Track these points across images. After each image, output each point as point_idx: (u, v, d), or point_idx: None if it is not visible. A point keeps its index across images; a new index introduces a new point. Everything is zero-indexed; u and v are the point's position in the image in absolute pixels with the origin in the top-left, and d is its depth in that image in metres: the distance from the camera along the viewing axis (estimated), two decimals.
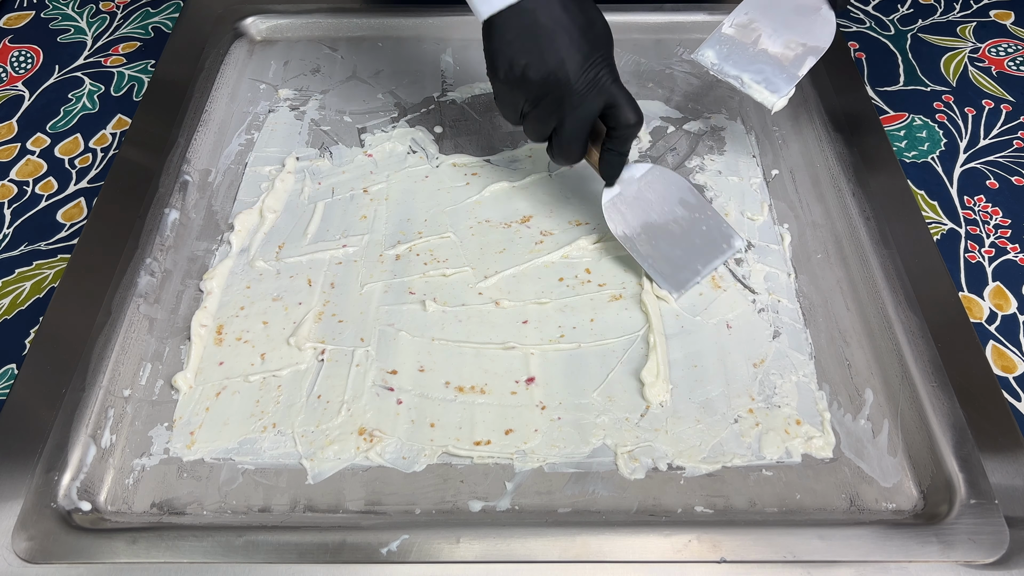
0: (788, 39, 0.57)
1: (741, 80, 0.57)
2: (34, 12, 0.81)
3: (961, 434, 0.46)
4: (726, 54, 0.58)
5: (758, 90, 0.57)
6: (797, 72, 0.57)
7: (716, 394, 0.50)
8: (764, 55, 0.57)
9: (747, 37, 0.58)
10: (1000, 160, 0.67)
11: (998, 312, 0.57)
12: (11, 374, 0.53)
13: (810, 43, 0.57)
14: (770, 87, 0.57)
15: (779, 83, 0.57)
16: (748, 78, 0.57)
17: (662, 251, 0.55)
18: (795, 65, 0.57)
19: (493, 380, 0.50)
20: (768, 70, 0.57)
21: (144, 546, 0.42)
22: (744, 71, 0.57)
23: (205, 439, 0.48)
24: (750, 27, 0.58)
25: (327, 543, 0.42)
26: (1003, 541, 0.42)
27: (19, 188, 0.65)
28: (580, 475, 0.46)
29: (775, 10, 0.58)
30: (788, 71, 0.57)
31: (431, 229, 0.59)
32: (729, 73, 0.57)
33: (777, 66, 0.57)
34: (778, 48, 0.57)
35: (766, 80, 0.57)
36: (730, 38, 0.58)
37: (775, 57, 0.57)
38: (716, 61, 0.58)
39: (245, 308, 0.54)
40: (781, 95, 0.57)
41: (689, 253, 0.56)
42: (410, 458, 0.47)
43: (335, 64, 0.72)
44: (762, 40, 0.57)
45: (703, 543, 0.42)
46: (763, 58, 0.57)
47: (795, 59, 0.57)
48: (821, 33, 0.57)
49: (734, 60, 0.58)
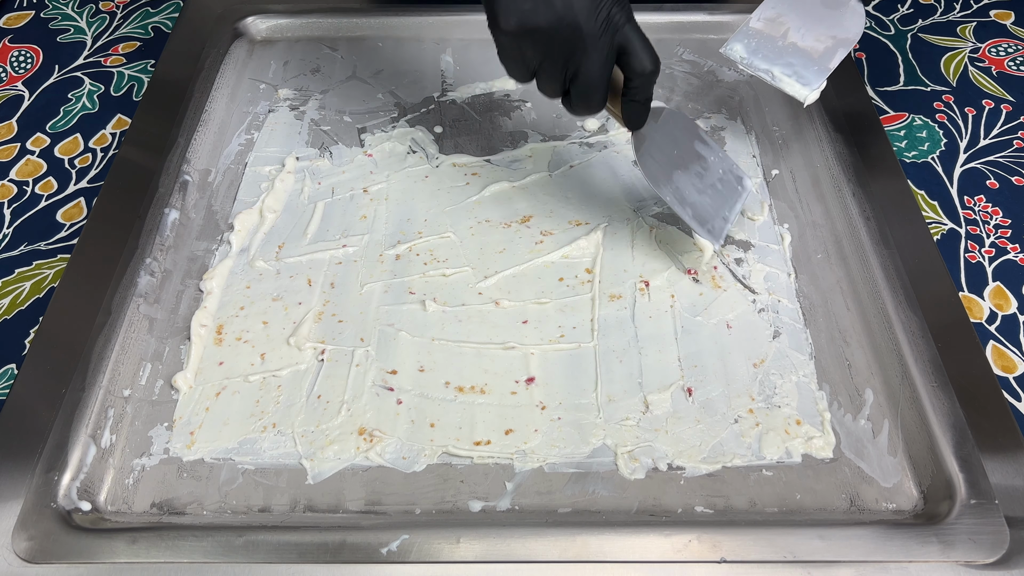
0: (818, 32, 0.57)
1: (772, 74, 0.57)
2: (34, 12, 0.81)
3: (961, 434, 0.46)
4: (755, 48, 0.58)
5: (789, 83, 0.57)
6: (828, 65, 0.57)
7: (716, 394, 0.50)
8: (794, 48, 0.57)
9: (776, 31, 0.57)
10: (1000, 160, 0.67)
11: (998, 312, 0.57)
12: (11, 374, 0.53)
13: (840, 35, 0.57)
14: (801, 80, 0.57)
15: (810, 76, 0.57)
16: (779, 71, 0.57)
17: (693, 199, 0.54)
18: (826, 58, 0.57)
19: (493, 380, 0.50)
20: (799, 63, 0.57)
21: (144, 546, 0.42)
22: (774, 65, 0.57)
23: (205, 439, 0.48)
24: (778, 21, 0.58)
25: (327, 543, 0.42)
26: (1003, 541, 0.42)
27: (19, 188, 0.65)
28: (580, 475, 0.46)
29: (803, 3, 0.58)
30: (819, 64, 0.57)
31: (431, 229, 0.59)
32: (759, 67, 0.57)
33: (807, 59, 0.57)
34: (808, 41, 0.57)
35: (797, 73, 0.57)
36: (759, 32, 0.58)
37: (805, 50, 0.57)
38: (745, 55, 0.58)
39: (245, 308, 0.54)
40: (813, 88, 0.57)
41: (715, 200, 0.55)
42: (410, 458, 0.47)
43: (335, 64, 0.72)
44: (791, 33, 0.57)
45: (703, 543, 0.42)
46: (793, 51, 0.57)
47: (825, 52, 0.57)
48: (851, 25, 0.57)
49: (763, 54, 0.57)
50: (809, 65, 0.57)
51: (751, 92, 0.69)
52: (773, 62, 0.57)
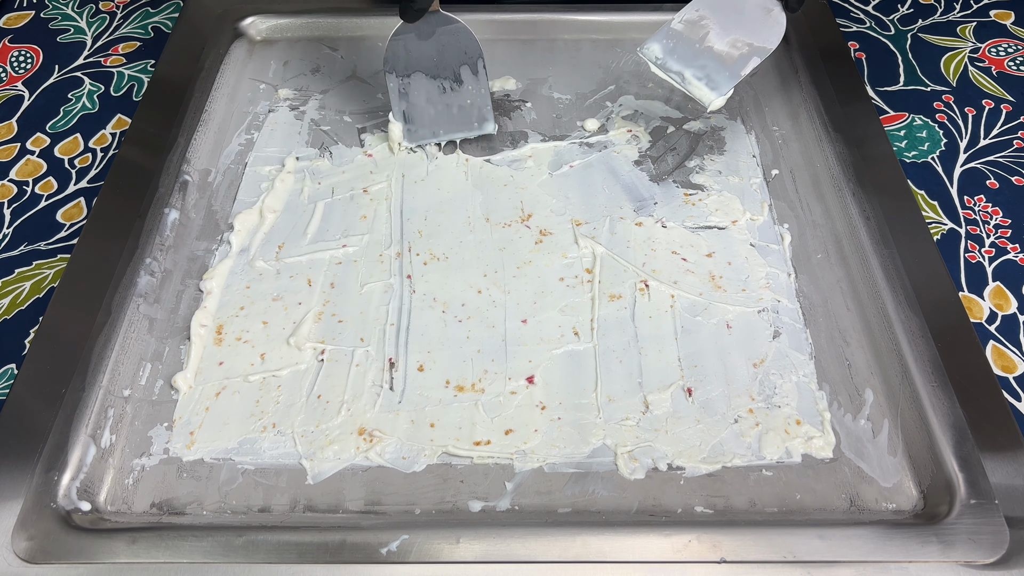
0: (735, 38, 0.57)
1: (682, 76, 0.57)
2: (34, 12, 0.81)
3: (961, 434, 0.46)
4: (671, 49, 0.57)
5: (698, 87, 0.57)
6: (740, 71, 0.56)
7: (716, 394, 0.50)
8: (709, 52, 0.57)
9: (695, 34, 0.57)
10: (1000, 160, 0.67)
11: (998, 312, 0.57)
12: (11, 374, 0.53)
13: (756, 43, 0.56)
14: (710, 85, 0.57)
15: (720, 81, 0.57)
16: (690, 74, 0.57)
17: (420, 103, 0.57)
18: (738, 64, 0.56)
19: (493, 380, 0.50)
20: (711, 68, 0.57)
21: (144, 546, 0.42)
22: (687, 68, 0.57)
23: (205, 439, 0.48)
24: (700, 24, 0.57)
25: (327, 543, 0.42)
26: (1003, 541, 0.42)
27: (19, 188, 0.65)
28: (580, 475, 0.46)
29: (726, 8, 0.57)
30: (731, 70, 0.56)
31: (431, 229, 0.59)
32: (671, 69, 0.57)
33: (720, 64, 0.57)
34: (723, 46, 0.57)
35: (708, 78, 0.57)
36: (678, 34, 0.57)
37: (720, 55, 0.57)
38: (661, 56, 0.57)
39: (245, 308, 0.54)
40: (720, 94, 0.57)
41: (439, 116, 0.58)
42: (410, 458, 0.47)
43: (335, 64, 0.72)
44: (710, 38, 0.57)
45: (703, 543, 0.42)
46: (708, 56, 0.57)
47: (740, 58, 0.57)
48: (769, 34, 0.56)
49: (679, 56, 0.57)
50: (721, 70, 0.57)
51: (751, 92, 0.69)
52: (686, 65, 0.57)
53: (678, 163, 0.64)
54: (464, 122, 0.60)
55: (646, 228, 0.59)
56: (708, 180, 0.62)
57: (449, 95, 0.57)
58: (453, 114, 0.58)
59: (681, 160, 0.64)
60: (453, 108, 0.58)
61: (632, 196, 0.61)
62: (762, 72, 0.71)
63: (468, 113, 0.59)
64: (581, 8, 0.74)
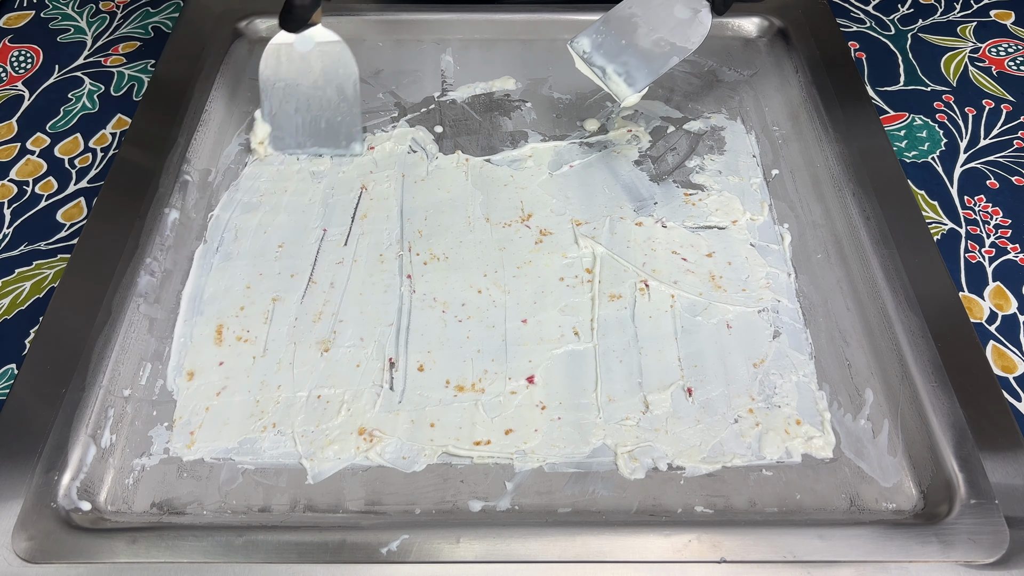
0: (659, 36, 0.58)
1: (604, 71, 0.58)
2: (34, 12, 0.81)
3: (961, 434, 0.46)
4: (599, 44, 0.59)
5: (616, 82, 0.58)
6: (659, 69, 0.58)
7: (716, 394, 0.50)
8: (633, 49, 0.58)
9: (624, 30, 0.59)
10: (1000, 160, 0.67)
11: (998, 312, 0.57)
12: (11, 374, 0.53)
13: (678, 43, 0.58)
14: (628, 81, 0.58)
15: (638, 78, 0.58)
16: (611, 70, 0.58)
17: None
18: (658, 63, 0.58)
19: (493, 380, 0.50)
20: (632, 64, 0.58)
21: (144, 546, 0.42)
22: (610, 63, 0.58)
23: (205, 439, 0.48)
24: (631, 21, 0.59)
25: (327, 543, 0.42)
26: (1003, 541, 0.42)
27: (19, 188, 0.65)
28: (580, 475, 0.46)
29: (657, 7, 0.59)
30: (650, 67, 0.58)
31: (431, 229, 0.59)
32: (595, 63, 0.59)
33: (641, 61, 0.58)
34: (647, 44, 0.58)
35: (627, 74, 0.58)
36: (607, 30, 0.59)
37: (642, 52, 0.58)
38: (588, 50, 0.59)
39: (245, 308, 0.54)
40: (636, 90, 0.58)
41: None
42: (410, 458, 0.47)
43: None
44: (636, 35, 0.58)
45: (703, 543, 0.42)
46: (631, 52, 0.58)
47: (659, 57, 0.58)
48: (691, 35, 0.58)
49: (605, 51, 0.59)
50: (641, 68, 0.58)
51: (751, 92, 0.69)
52: (609, 61, 0.59)
53: (678, 163, 0.64)
54: (332, 138, 0.61)
55: (646, 228, 0.59)
56: (708, 180, 0.62)
57: (319, 108, 0.58)
58: (321, 128, 0.60)
59: (681, 160, 0.64)
60: (321, 122, 0.59)
61: (632, 196, 0.61)
62: (762, 72, 0.71)
63: (336, 130, 0.60)
64: (581, 8, 0.74)
